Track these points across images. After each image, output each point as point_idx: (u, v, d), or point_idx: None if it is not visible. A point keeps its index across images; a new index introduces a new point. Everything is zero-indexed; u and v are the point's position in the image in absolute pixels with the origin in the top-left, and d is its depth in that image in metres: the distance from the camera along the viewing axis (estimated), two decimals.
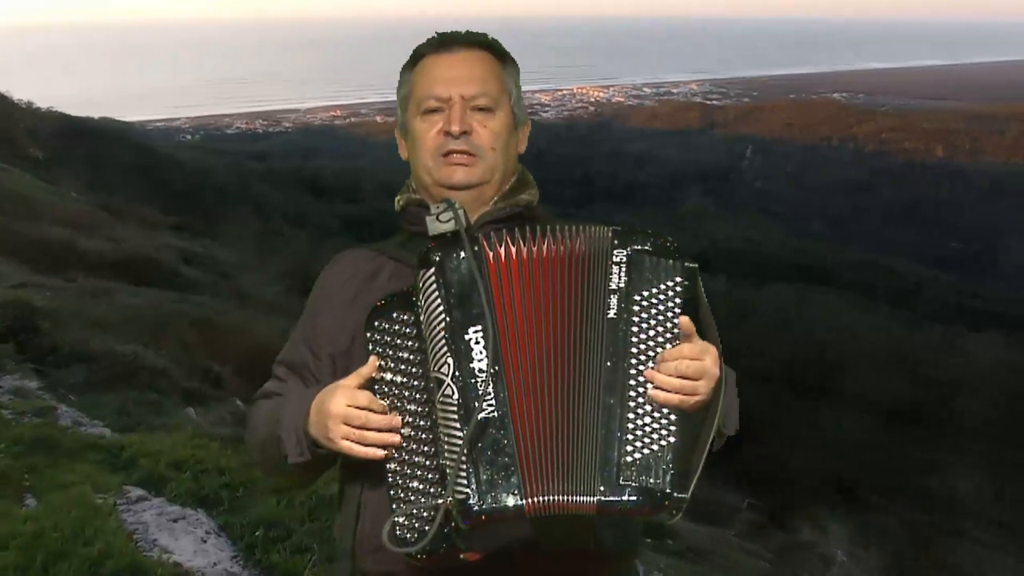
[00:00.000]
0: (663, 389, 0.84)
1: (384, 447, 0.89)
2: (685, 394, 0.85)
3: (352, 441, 0.90)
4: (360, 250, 1.07)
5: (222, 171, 27.04)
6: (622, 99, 71.56)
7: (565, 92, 74.03)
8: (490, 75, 1.01)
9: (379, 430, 0.89)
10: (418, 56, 1.04)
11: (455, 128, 0.98)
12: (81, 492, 3.07)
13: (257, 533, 2.97)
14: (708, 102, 58.98)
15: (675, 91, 66.11)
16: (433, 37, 1.04)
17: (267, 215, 21.68)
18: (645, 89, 75.17)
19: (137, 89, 69.74)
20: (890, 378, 14.72)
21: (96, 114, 30.51)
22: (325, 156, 39.63)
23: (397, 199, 1.06)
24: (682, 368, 0.85)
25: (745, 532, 7.90)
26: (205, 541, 2.90)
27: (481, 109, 1.00)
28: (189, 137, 46.51)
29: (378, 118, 54.51)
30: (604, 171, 44.04)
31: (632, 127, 54.01)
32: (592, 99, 70.74)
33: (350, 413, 0.89)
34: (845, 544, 8.76)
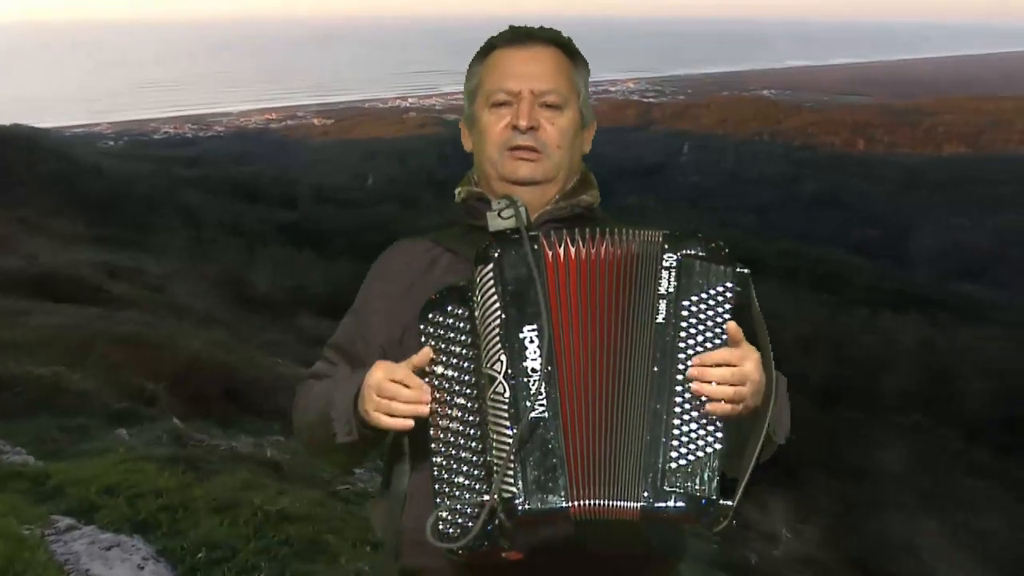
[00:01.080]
0: (710, 399, 0.83)
1: (417, 419, 0.89)
2: (729, 401, 0.84)
3: (382, 412, 0.90)
4: (417, 240, 1.05)
5: (149, 179, 25.82)
6: None
7: None
8: (561, 73, 1.00)
9: (407, 402, 0.89)
10: (490, 48, 1.02)
11: (523, 123, 0.97)
12: (5, 524, 2.92)
13: (199, 555, 2.89)
14: (645, 100, 60.23)
15: (613, 89, 67.25)
16: (506, 30, 1.03)
17: (199, 223, 20.86)
18: None
19: (53, 92, 65.59)
20: (818, 360, 15.54)
21: (7, 120, 28.63)
22: (260, 161, 38.38)
23: (458, 191, 1.05)
24: (726, 375, 0.84)
25: None
26: (142, 568, 2.81)
27: (550, 106, 0.99)
28: (112, 143, 44.13)
29: (315, 121, 53.14)
30: None
31: None
32: None
33: (383, 385, 0.90)
34: (786, 520, 9.20)
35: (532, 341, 0.85)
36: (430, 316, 0.92)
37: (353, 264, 21.41)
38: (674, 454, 0.83)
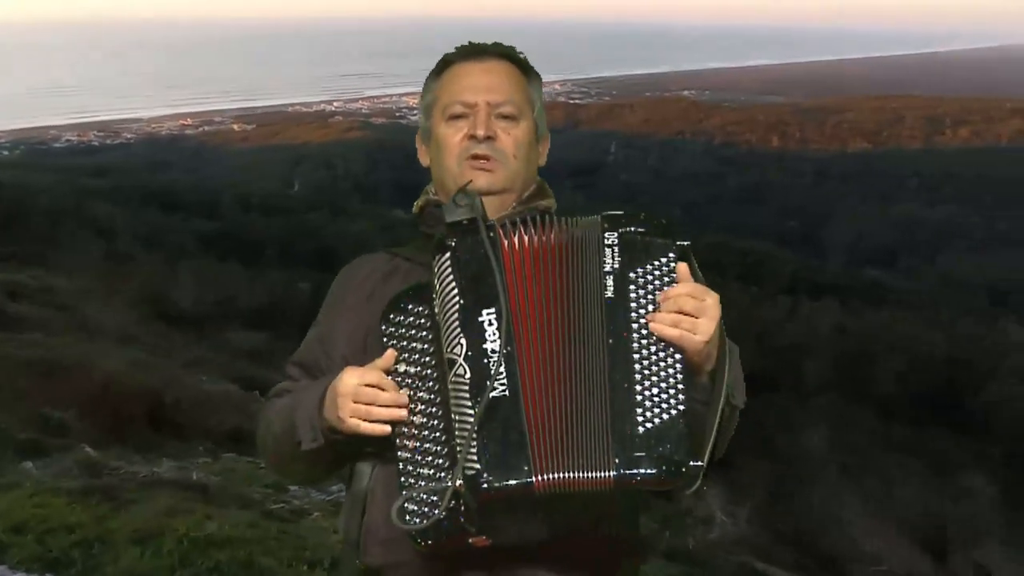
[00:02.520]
0: (663, 324, 0.86)
1: (392, 424, 0.89)
2: (685, 329, 0.85)
3: (359, 418, 0.90)
4: (376, 253, 1.08)
5: (52, 190, 24.01)
6: None
7: None
8: (516, 86, 1.03)
9: (386, 406, 0.89)
10: (445, 64, 1.06)
11: (480, 132, 1.00)
12: None
13: None
14: (571, 101, 61.35)
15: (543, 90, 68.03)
16: (462, 46, 1.06)
17: (112, 237, 19.57)
18: None
19: None
20: (746, 348, 16.16)
21: None
22: (176, 169, 36.54)
23: (416, 203, 1.07)
24: (682, 304, 0.86)
25: None
26: None
27: (506, 117, 1.01)
28: (7, 153, 40.91)
29: (235, 126, 51.05)
30: None
31: None
32: None
33: (360, 390, 0.90)
34: (721, 505, 9.54)
35: (491, 323, 0.86)
36: (391, 317, 0.94)
37: (283, 274, 20.68)
38: (640, 419, 0.84)
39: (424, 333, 0.92)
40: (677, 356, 0.86)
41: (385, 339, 0.93)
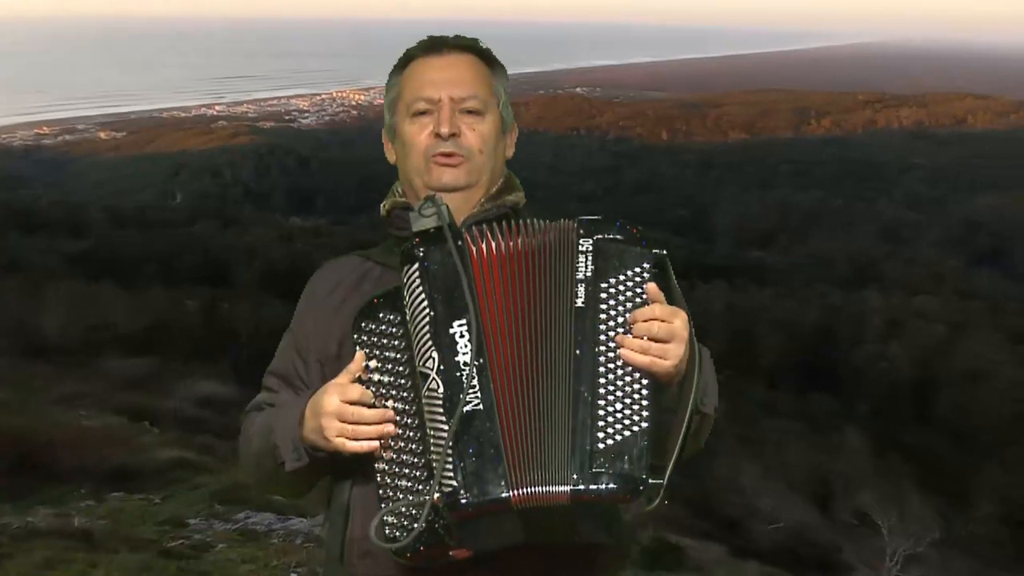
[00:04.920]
0: (632, 350, 0.84)
1: (379, 439, 0.88)
2: (655, 356, 0.84)
3: (346, 437, 0.88)
4: (346, 257, 1.06)
5: None
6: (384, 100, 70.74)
7: (324, 97, 71.00)
8: (479, 79, 1.01)
9: (372, 424, 0.88)
10: (408, 59, 1.03)
11: (444, 130, 0.97)
12: None
13: None
14: None
15: None
16: (423, 40, 1.03)
17: None
18: None
19: None
20: None
21: None
22: (34, 183, 33.00)
23: (383, 204, 1.05)
24: (652, 329, 0.84)
25: None
26: None
27: (470, 112, 0.99)
28: None
29: (102, 134, 46.82)
30: (380, 174, 43.31)
31: None
32: (354, 102, 68.92)
33: (343, 409, 0.88)
34: None
35: (462, 336, 0.85)
36: (363, 325, 0.93)
37: (167, 293, 19.24)
38: (601, 435, 0.83)
39: (396, 342, 0.90)
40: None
41: (358, 347, 0.91)
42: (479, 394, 0.84)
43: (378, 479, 0.89)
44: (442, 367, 0.85)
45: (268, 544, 4.50)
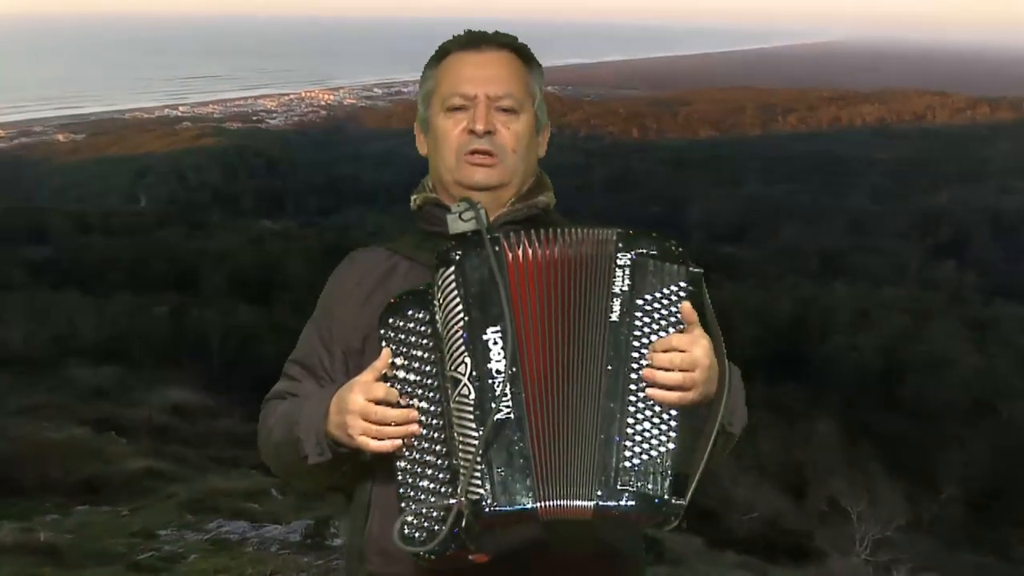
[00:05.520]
0: (660, 386, 0.84)
1: (403, 439, 0.88)
2: (679, 387, 0.84)
3: (370, 436, 0.88)
4: (374, 249, 1.05)
5: None
6: (354, 101, 70.27)
7: (292, 97, 69.96)
8: (516, 77, 1.00)
9: (397, 424, 0.88)
10: (444, 52, 1.02)
11: (480, 127, 0.97)
12: None
13: None
14: None
15: (406, 90, 67.25)
16: (461, 35, 1.03)
17: None
18: (376, 90, 74.95)
19: None
20: None
21: None
22: None
23: (413, 198, 1.05)
24: (675, 360, 0.85)
25: None
26: None
27: (505, 110, 0.99)
28: None
29: (60, 137, 45.37)
30: (347, 175, 42.95)
31: (369, 129, 53.57)
32: (322, 103, 68.10)
33: (368, 408, 0.88)
34: None
35: (496, 343, 0.85)
36: (390, 321, 0.92)
37: (134, 300, 18.77)
38: (628, 453, 0.84)
39: (425, 341, 0.90)
40: None
41: (384, 343, 0.91)
42: (510, 403, 0.84)
43: (399, 478, 0.89)
44: (474, 373, 0.85)
45: (242, 553, 4.42)
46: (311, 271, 16.11)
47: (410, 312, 0.91)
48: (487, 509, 0.82)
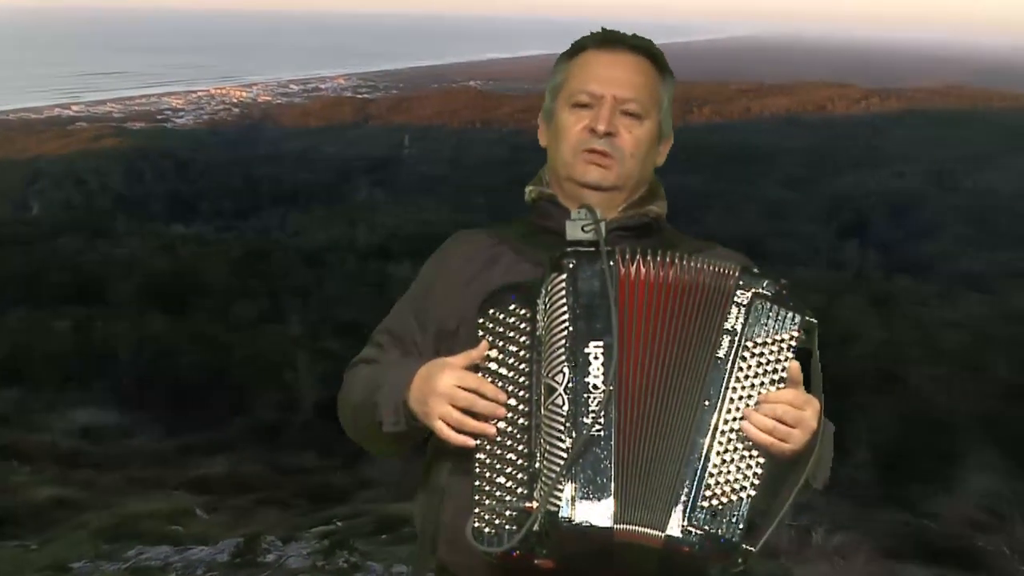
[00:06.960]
0: (757, 427, 0.85)
1: (478, 437, 0.87)
2: (777, 438, 0.85)
3: (448, 424, 0.88)
4: (479, 232, 1.05)
5: None
6: (269, 98, 67.61)
7: (201, 94, 66.71)
8: (646, 83, 1.02)
9: (479, 419, 0.88)
10: (579, 48, 1.05)
11: (601, 127, 0.98)
12: None
13: None
14: (359, 95, 59.90)
15: (323, 87, 65.46)
16: (598, 32, 1.04)
17: None
18: (292, 87, 72.50)
19: None
20: None
21: None
22: None
23: (529, 189, 1.05)
24: (780, 412, 0.85)
25: None
26: None
27: (630, 114, 1.00)
28: None
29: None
30: (265, 175, 41.30)
31: (286, 127, 51.84)
32: (235, 100, 65.24)
33: (456, 394, 0.89)
34: None
35: (597, 358, 0.86)
36: (490, 312, 0.92)
37: (33, 314, 17.23)
38: (708, 492, 0.85)
39: (523, 338, 0.90)
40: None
41: (481, 332, 0.91)
42: (603, 421, 0.85)
43: (476, 470, 0.89)
44: (571, 384, 0.85)
45: None
46: (233, 276, 15.37)
47: (513, 307, 0.91)
48: (563, 523, 0.84)
